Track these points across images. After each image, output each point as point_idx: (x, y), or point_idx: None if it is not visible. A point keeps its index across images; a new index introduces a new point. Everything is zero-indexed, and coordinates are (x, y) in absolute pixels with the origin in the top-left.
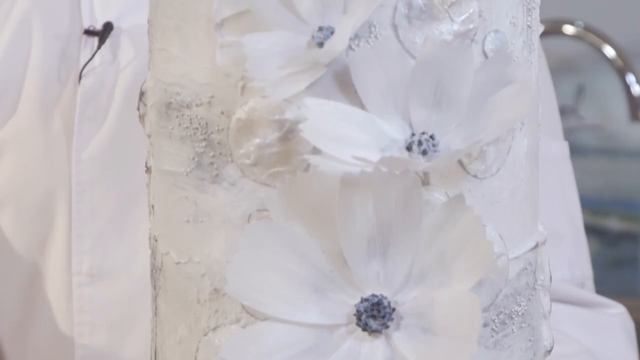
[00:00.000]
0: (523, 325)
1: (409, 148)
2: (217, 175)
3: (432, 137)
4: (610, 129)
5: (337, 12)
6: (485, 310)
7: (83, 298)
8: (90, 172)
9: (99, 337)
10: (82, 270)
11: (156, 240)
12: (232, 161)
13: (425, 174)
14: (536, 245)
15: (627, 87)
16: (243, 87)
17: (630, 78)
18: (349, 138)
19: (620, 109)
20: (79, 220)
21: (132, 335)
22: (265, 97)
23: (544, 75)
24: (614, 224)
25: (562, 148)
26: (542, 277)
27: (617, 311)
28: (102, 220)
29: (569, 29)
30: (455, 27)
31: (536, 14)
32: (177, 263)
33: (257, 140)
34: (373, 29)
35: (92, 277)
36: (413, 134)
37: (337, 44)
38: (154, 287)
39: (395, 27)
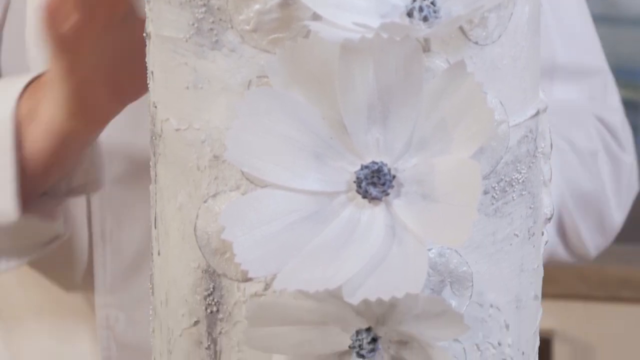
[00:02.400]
0: (523, 192)
1: (409, 14)
2: (216, 41)
3: (433, 3)
4: None
5: None
6: (485, 177)
7: None
8: None
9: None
10: None
11: (155, 107)
12: (231, 27)
13: (426, 40)
14: (537, 113)
15: None
16: None
17: None
18: (349, 4)
19: None
20: None
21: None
22: None
23: None
24: None
25: None
26: (542, 145)
27: None
28: None
29: None
30: None
31: None
32: (177, 130)
33: (256, 6)
34: None
35: None
36: (414, 0)
37: None
38: (154, 153)
39: None
